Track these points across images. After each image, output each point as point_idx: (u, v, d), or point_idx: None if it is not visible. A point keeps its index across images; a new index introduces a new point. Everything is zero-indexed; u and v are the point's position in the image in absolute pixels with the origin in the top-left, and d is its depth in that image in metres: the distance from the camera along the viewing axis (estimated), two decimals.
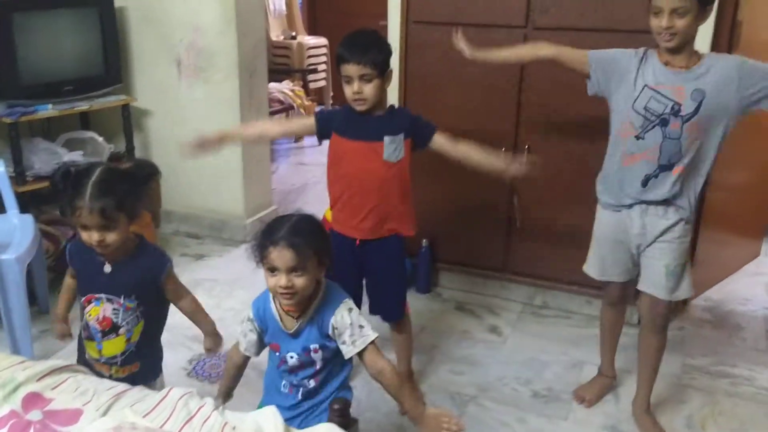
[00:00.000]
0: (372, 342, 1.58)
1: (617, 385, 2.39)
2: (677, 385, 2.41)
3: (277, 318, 1.61)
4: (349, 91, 1.98)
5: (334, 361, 1.63)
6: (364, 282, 2.21)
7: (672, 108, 1.90)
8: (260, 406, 1.68)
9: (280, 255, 1.47)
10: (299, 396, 1.65)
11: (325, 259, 1.56)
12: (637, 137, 1.97)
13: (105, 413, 1.36)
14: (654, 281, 2.08)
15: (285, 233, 1.49)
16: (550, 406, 2.32)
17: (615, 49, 2.02)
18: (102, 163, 1.70)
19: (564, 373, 2.48)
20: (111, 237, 1.59)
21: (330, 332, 1.58)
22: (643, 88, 1.93)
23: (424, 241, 2.97)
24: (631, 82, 1.95)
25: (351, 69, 1.94)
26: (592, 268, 2.22)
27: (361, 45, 1.96)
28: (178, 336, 2.45)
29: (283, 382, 1.66)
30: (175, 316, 1.85)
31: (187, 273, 3.18)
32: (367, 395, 2.27)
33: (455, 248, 3.01)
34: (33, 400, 1.37)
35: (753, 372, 2.50)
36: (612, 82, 2.01)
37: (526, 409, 2.31)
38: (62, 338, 1.88)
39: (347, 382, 1.70)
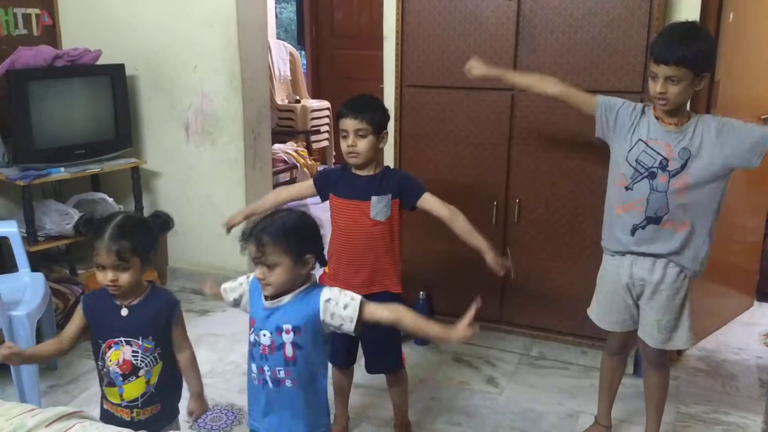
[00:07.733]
0: (361, 301, 1.65)
1: None
2: None
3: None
4: (344, 144, 2.10)
5: (310, 360, 1.67)
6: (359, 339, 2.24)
7: (660, 162, 1.99)
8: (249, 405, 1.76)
9: (250, 249, 1.64)
10: (267, 388, 1.68)
11: (304, 256, 1.64)
12: (627, 188, 2.06)
13: None
14: (647, 331, 2.15)
15: (257, 230, 1.63)
16: None
17: (621, 99, 2.12)
18: (123, 211, 1.82)
19: (560, 424, 2.51)
20: (124, 278, 1.71)
21: (320, 307, 1.64)
22: (637, 142, 2.04)
23: (421, 293, 3.03)
24: (627, 134, 2.06)
25: (348, 123, 2.08)
26: (592, 312, 2.28)
27: (360, 104, 2.11)
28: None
29: (254, 370, 1.70)
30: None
31: (191, 328, 3.14)
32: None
33: (452, 299, 3.04)
34: None
35: (746, 420, 2.52)
36: (613, 130, 2.11)
37: None
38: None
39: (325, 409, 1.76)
